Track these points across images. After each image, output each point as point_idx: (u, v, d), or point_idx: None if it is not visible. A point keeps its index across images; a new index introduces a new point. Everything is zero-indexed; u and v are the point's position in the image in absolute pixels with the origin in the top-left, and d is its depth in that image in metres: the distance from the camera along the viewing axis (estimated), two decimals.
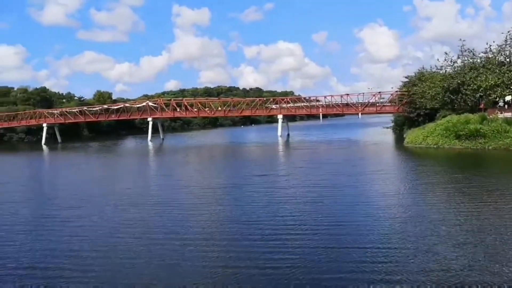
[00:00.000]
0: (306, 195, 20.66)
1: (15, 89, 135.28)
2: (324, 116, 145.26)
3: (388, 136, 63.35)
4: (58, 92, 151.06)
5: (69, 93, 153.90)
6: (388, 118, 78.79)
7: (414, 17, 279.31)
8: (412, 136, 46.31)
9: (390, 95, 66.92)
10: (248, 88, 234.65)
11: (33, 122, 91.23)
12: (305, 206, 18.16)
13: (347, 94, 71.82)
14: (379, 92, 68.48)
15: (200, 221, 16.35)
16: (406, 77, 64.05)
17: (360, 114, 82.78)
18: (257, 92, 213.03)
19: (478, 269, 10.46)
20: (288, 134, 77.78)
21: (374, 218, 15.61)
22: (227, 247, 13.07)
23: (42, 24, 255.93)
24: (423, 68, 58.18)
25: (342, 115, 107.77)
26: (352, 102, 71.17)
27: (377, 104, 68.67)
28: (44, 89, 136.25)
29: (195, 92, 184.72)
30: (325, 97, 76.32)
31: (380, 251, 11.99)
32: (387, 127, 75.83)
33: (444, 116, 45.50)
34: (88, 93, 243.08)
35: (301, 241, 13.24)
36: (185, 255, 12.37)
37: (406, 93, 57.69)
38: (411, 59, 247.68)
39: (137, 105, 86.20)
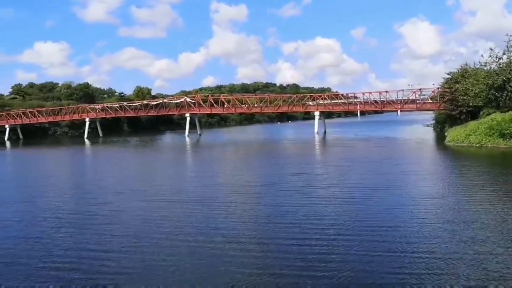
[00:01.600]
0: (344, 195, 19.98)
1: (60, 84, 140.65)
2: (362, 113, 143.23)
3: (428, 134, 61.52)
4: (100, 88, 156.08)
5: (110, 88, 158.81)
6: (429, 116, 76.54)
7: (458, 12, 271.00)
8: (454, 134, 44.76)
9: (431, 92, 64.91)
10: (285, 85, 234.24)
11: (76, 116, 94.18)
12: (344, 207, 17.53)
13: (386, 91, 70.24)
14: (420, 89, 66.60)
15: (234, 221, 15.96)
16: (448, 74, 61.86)
17: (399, 111, 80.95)
18: (294, 88, 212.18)
19: None
20: (325, 131, 76.91)
21: (419, 221, 14.80)
22: (262, 250, 12.61)
23: (85, 21, 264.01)
24: (466, 64, 55.88)
25: (381, 112, 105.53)
26: (391, 99, 69.92)
27: (417, 101, 66.88)
28: (86, 85, 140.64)
29: (232, 88, 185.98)
30: (363, 93, 75.04)
31: (434, 257, 11.18)
32: (428, 125, 73.70)
33: (488, 114, 43.74)
34: (128, 89, 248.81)
35: (342, 246, 12.54)
36: (217, 257, 12.02)
37: (448, 90, 55.80)
38: (453, 55, 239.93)
39: (175, 101, 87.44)
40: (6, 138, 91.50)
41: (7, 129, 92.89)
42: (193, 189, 23.45)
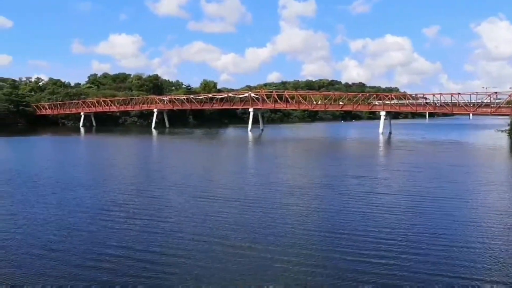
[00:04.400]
0: (408, 204, 18.66)
1: (131, 75, 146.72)
2: (431, 115, 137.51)
3: (502, 141, 57.75)
4: (168, 80, 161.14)
5: (177, 81, 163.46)
6: (504, 121, 71.87)
7: None
8: None
9: (507, 95, 61.10)
10: (350, 83, 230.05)
11: (145, 107, 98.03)
12: (407, 219, 16.24)
13: (458, 93, 66.93)
14: (496, 92, 62.88)
15: (287, 225, 15.20)
16: None
17: (471, 115, 77.11)
18: (360, 87, 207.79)
19: None
20: (390, 132, 74.58)
21: (492, 242, 13.34)
22: (313, 259, 11.91)
23: (157, 15, 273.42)
24: None
25: (451, 115, 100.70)
26: (463, 101, 66.51)
27: (492, 105, 63.13)
28: (156, 77, 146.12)
29: (296, 85, 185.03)
30: (433, 95, 72.17)
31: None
32: (502, 131, 69.23)
33: None
34: (194, 82, 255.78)
35: (403, 266, 11.38)
36: (262, 263, 11.57)
37: None
38: None
39: (240, 96, 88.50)
40: (80, 124, 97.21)
41: (82, 116, 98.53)
42: (249, 187, 23.00)
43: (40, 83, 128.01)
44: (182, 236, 13.87)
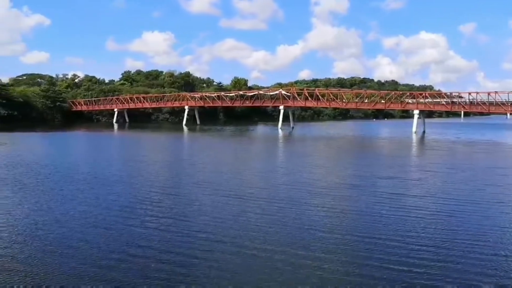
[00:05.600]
0: (441, 208, 17.74)
1: (164, 73, 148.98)
2: (466, 114, 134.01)
3: None
4: (199, 77, 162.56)
5: (208, 78, 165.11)
6: None
7: None
8: None
9: None
10: (383, 81, 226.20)
11: (176, 104, 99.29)
12: (439, 223, 15.52)
13: (496, 92, 64.79)
14: None
15: (314, 228, 14.72)
16: None
17: (509, 114, 74.65)
18: (393, 85, 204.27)
19: None
20: (424, 131, 73.05)
21: None
22: (342, 265, 11.44)
23: (189, 12, 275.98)
24: None
25: (487, 114, 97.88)
26: (500, 100, 64.47)
27: None
28: (187, 74, 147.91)
29: (327, 82, 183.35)
30: (469, 93, 70.05)
31: None
32: None
33: None
34: (225, 79, 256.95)
35: (438, 273, 10.90)
36: (288, 267, 11.25)
37: None
38: None
39: (271, 93, 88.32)
40: (114, 121, 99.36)
41: (116, 113, 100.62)
42: (278, 187, 22.62)
43: (76, 80, 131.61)
44: (208, 237, 13.67)
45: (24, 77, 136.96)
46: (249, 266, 11.44)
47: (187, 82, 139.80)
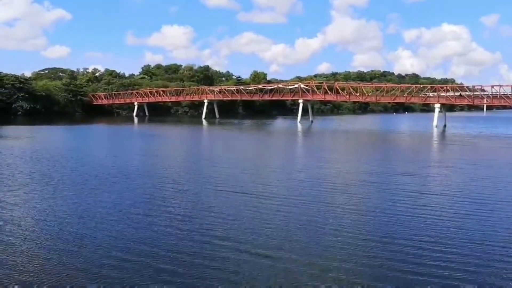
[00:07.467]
0: (463, 209, 16.66)
1: (183, 66, 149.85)
2: (489, 107, 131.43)
3: None
4: (219, 71, 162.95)
5: (227, 72, 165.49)
6: None
7: None
8: None
9: None
10: (403, 74, 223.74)
11: (196, 97, 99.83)
12: (461, 222, 14.80)
13: None
14: None
15: (328, 228, 14.08)
16: None
17: None
18: (413, 78, 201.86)
19: None
20: (445, 125, 71.99)
21: None
22: (360, 266, 10.92)
23: (208, 6, 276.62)
24: None
25: (510, 108, 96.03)
26: None
27: None
28: (207, 68, 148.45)
29: (347, 76, 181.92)
30: (492, 86, 68.75)
31: None
32: None
33: None
34: (244, 73, 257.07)
35: (459, 277, 10.28)
36: (302, 268, 10.76)
37: None
38: None
39: (290, 87, 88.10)
40: (134, 114, 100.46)
41: (136, 106, 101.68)
42: (295, 183, 21.95)
43: (96, 74, 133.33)
44: (222, 236, 13.25)
45: (46, 71, 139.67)
46: (263, 267, 10.91)
47: (206, 76, 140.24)
